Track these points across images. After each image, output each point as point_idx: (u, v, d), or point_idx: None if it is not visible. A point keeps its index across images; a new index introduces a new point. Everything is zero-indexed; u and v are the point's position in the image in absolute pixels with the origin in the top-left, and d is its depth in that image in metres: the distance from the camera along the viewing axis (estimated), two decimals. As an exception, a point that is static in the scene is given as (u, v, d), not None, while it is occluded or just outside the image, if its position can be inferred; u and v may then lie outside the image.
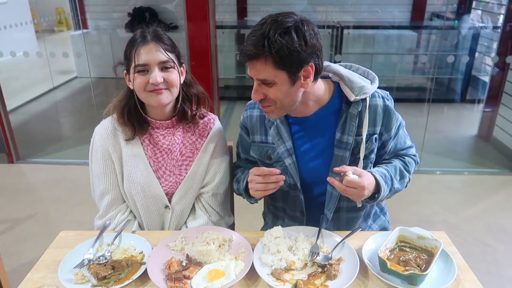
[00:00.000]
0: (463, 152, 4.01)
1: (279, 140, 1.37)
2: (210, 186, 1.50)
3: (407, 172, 1.41)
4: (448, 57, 4.08)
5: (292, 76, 1.18)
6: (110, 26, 5.85)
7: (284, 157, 1.37)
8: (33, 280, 1.15)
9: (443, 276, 1.14)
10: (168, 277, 1.12)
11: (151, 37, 1.32)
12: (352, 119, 1.31)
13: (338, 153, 1.33)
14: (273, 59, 1.14)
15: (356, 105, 1.31)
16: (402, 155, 1.44)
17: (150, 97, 1.35)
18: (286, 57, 1.14)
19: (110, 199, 1.45)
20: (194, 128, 1.50)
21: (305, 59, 1.17)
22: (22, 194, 3.22)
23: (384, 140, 1.37)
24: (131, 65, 1.32)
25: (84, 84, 5.68)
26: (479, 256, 2.48)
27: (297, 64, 1.17)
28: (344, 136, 1.32)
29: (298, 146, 1.38)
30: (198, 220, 1.49)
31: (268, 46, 1.13)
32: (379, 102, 1.33)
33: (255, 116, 1.44)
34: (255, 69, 1.18)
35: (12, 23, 4.75)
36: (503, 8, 4.34)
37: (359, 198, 1.25)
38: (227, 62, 5.35)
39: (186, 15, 3.12)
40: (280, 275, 1.15)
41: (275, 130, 1.38)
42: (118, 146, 1.43)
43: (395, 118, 1.36)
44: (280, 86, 1.19)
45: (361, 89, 1.30)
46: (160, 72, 1.32)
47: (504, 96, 3.69)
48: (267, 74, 1.17)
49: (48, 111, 5.13)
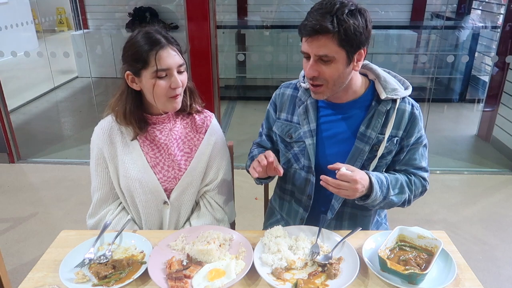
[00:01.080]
0: (463, 151, 4.01)
1: (304, 119, 1.41)
2: (214, 183, 1.52)
3: (409, 190, 1.39)
4: (448, 56, 4.09)
5: (350, 56, 1.23)
6: (110, 26, 5.87)
7: (306, 137, 1.40)
8: (34, 280, 1.16)
9: (443, 275, 1.15)
10: (169, 276, 1.13)
11: (165, 41, 1.32)
12: (379, 116, 1.34)
13: (359, 145, 1.36)
14: (339, 37, 1.18)
15: (385, 103, 1.34)
16: (411, 173, 1.42)
17: (169, 103, 1.36)
18: (351, 36, 1.19)
19: (98, 197, 1.47)
20: (192, 124, 1.51)
21: (363, 42, 1.23)
22: (23, 194, 3.23)
23: (403, 145, 1.39)
24: (149, 69, 1.31)
25: (84, 84, 5.69)
26: (478, 255, 2.48)
27: (357, 45, 1.22)
28: (368, 131, 1.35)
29: (322, 130, 1.41)
30: (202, 218, 1.50)
31: (337, 24, 1.17)
32: (408, 108, 1.36)
33: (287, 95, 1.48)
34: (318, 43, 1.21)
35: (13, 23, 4.76)
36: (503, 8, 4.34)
37: (354, 192, 1.24)
38: (227, 62, 5.36)
39: (186, 15, 3.12)
40: (281, 274, 1.15)
41: (303, 109, 1.42)
42: (113, 145, 1.44)
43: (418, 129, 1.38)
44: (337, 64, 1.23)
45: (394, 91, 1.34)
46: (178, 75, 1.34)
47: (504, 95, 3.70)
48: (329, 50, 1.20)
49: (49, 111, 5.13)
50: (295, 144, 1.45)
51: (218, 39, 3.31)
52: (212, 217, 1.51)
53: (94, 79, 4.67)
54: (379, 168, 1.40)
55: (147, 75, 1.32)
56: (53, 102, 5.43)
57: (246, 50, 5.66)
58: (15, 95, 5.12)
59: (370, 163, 1.37)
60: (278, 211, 1.62)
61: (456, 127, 4.66)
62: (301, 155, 1.44)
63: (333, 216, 1.44)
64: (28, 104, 5.10)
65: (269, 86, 5.51)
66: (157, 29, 1.35)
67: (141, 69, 1.32)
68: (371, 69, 1.40)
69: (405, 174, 1.42)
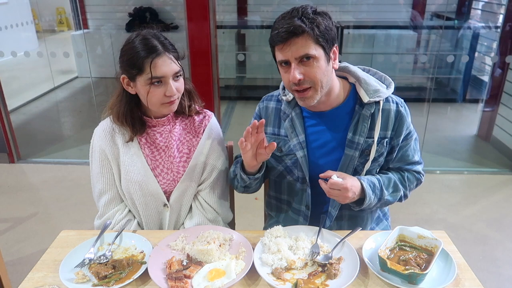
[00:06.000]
0: (463, 151, 4.01)
1: (292, 132, 1.39)
2: (207, 182, 1.51)
3: (403, 187, 1.41)
4: (448, 56, 4.08)
5: (328, 52, 1.24)
6: (110, 26, 5.86)
7: (296, 150, 1.39)
8: (34, 280, 1.16)
9: (443, 275, 1.15)
10: (169, 276, 1.13)
11: (162, 48, 1.30)
12: (364, 121, 1.33)
13: (348, 152, 1.35)
14: (314, 33, 1.20)
15: (369, 107, 1.33)
16: (404, 170, 1.44)
17: (163, 108, 1.36)
18: (324, 32, 1.22)
19: (107, 199, 1.46)
20: (191, 126, 1.50)
21: (334, 38, 1.26)
22: (23, 194, 3.23)
23: (393, 145, 1.38)
24: (143, 76, 1.31)
25: (84, 84, 5.68)
26: (479, 255, 2.48)
27: (331, 41, 1.24)
28: (356, 137, 1.34)
29: (311, 140, 1.40)
30: (194, 218, 1.50)
31: (308, 22, 1.20)
32: (393, 107, 1.35)
33: (271, 108, 1.46)
34: (296, 46, 1.21)
35: (13, 23, 4.76)
36: (503, 8, 4.34)
37: (344, 199, 1.29)
38: (227, 62, 5.36)
39: (186, 15, 3.12)
40: (281, 274, 1.15)
41: (289, 123, 1.40)
42: (115, 146, 1.44)
43: (406, 125, 1.37)
44: (319, 61, 1.23)
45: (376, 92, 1.33)
46: (173, 82, 1.33)
47: (503, 95, 3.69)
48: (308, 48, 1.21)
49: (49, 111, 5.13)
50: (286, 157, 1.43)
51: (218, 39, 3.31)
52: (204, 217, 1.50)
53: (94, 79, 4.67)
54: (372, 170, 1.40)
55: (142, 81, 1.32)
56: (53, 102, 5.43)
57: (246, 50, 5.66)
58: (15, 95, 5.11)
59: (363, 168, 1.37)
60: (275, 219, 1.61)
61: (456, 127, 4.65)
62: (294, 167, 1.43)
63: (331, 222, 1.45)
64: (28, 104, 5.10)
65: (269, 86, 5.50)
66: (155, 33, 1.34)
67: (136, 75, 1.32)
68: (350, 72, 1.39)
69: (398, 171, 1.43)
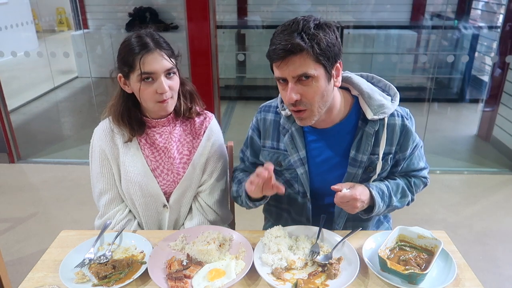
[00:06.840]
0: (463, 151, 4.01)
1: (292, 148, 1.34)
2: (207, 184, 1.51)
3: (410, 192, 1.40)
4: (448, 56, 4.08)
5: (329, 71, 1.16)
6: (110, 26, 5.86)
7: (297, 166, 1.35)
8: (34, 280, 1.16)
9: (443, 275, 1.15)
10: (169, 276, 1.13)
11: (153, 45, 1.30)
12: (368, 138, 1.27)
13: (351, 170, 1.31)
14: (313, 52, 1.11)
15: (373, 124, 1.26)
16: (411, 176, 1.41)
17: (157, 107, 1.36)
18: (325, 49, 1.12)
19: (107, 199, 1.46)
20: (191, 127, 1.50)
21: (337, 54, 1.16)
22: (23, 194, 3.23)
23: (398, 159, 1.34)
24: (135, 72, 1.31)
25: (84, 84, 5.68)
26: (479, 255, 2.48)
27: (333, 58, 1.15)
28: (359, 155, 1.29)
29: (312, 156, 1.35)
30: (195, 219, 1.50)
31: (308, 39, 1.10)
32: (398, 121, 1.29)
33: (269, 120, 1.39)
34: (294, 65, 1.12)
35: (13, 23, 4.76)
36: (503, 8, 4.34)
37: (354, 209, 1.25)
38: (227, 62, 5.36)
39: (186, 15, 3.12)
40: (281, 274, 1.15)
41: (289, 138, 1.34)
42: (115, 146, 1.44)
43: (412, 139, 1.32)
44: (318, 82, 1.14)
45: (380, 108, 1.25)
46: (165, 80, 1.32)
47: (503, 95, 3.69)
48: (307, 67, 1.12)
49: (49, 111, 5.13)
50: (286, 172, 1.40)
51: (218, 39, 3.31)
52: (204, 218, 1.51)
53: (94, 79, 4.66)
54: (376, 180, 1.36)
55: (134, 78, 1.32)
56: (53, 102, 5.43)
57: (246, 50, 5.65)
58: (15, 95, 5.11)
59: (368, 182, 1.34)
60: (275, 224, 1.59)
61: (456, 127, 4.65)
62: (294, 181, 1.40)
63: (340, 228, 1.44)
64: (28, 104, 5.10)
65: (269, 86, 5.50)
66: (150, 32, 1.34)
67: (129, 72, 1.33)
68: (353, 84, 1.31)
69: (405, 177, 1.42)
